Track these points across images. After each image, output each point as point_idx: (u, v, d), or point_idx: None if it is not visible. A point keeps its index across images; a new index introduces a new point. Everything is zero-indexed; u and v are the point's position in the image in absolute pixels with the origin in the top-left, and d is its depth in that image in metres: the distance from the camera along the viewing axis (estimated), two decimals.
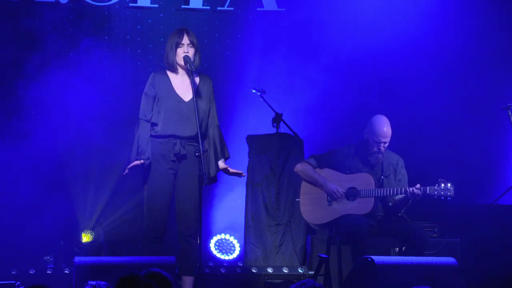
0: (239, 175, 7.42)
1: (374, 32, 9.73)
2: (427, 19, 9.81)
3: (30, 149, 9.25)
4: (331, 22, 9.82)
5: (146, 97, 7.31)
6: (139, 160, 7.18)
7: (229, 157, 7.40)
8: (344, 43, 9.77)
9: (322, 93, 9.83)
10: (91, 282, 4.83)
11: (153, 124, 7.24)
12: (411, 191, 7.58)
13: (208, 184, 6.95)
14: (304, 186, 7.98)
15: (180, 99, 7.25)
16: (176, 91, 7.26)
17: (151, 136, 7.23)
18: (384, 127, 7.79)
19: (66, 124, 9.45)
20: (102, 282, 4.82)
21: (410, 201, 7.74)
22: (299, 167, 8.00)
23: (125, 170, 7.25)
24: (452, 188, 7.53)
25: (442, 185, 7.53)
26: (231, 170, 7.35)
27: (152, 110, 7.26)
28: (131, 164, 7.19)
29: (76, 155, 9.46)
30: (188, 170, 7.20)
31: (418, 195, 7.56)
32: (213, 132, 7.32)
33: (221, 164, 7.33)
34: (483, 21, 9.75)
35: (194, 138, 7.19)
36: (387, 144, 7.82)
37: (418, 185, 7.60)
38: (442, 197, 7.54)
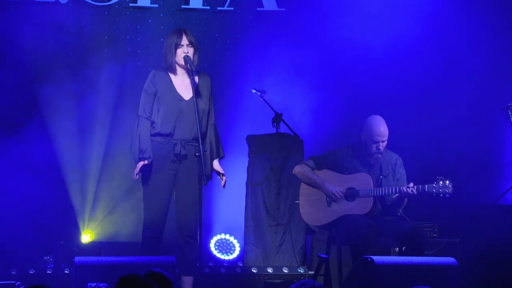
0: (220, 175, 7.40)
1: (374, 32, 9.73)
2: (428, 19, 9.80)
3: (30, 149, 9.24)
4: (331, 22, 9.81)
5: (146, 94, 7.30)
6: (143, 160, 7.17)
7: (223, 157, 7.41)
8: (344, 43, 9.76)
9: (322, 93, 9.83)
10: (91, 284, 4.82)
11: (152, 122, 7.23)
12: (404, 190, 7.60)
13: (205, 184, 6.95)
14: (303, 188, 7.99)
15: (180, 98, 7.24)
16: (177, 90, 7.26)
17: (151, 135, 7.22)
18: (381, 126, 7.79)
19: (65, 123, 9.45)
20: (102, 284, 4.82)
21: (406, 199, 7.75)
22: (298, 169, 8.00)
23: (132, 173, 7.26)
24: (450, 185, 7.55)
25: (441, 182, 7.54)
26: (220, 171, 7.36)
27: (152, 107, 7.25)
28: (138, 167, 7.17)
29: (76, 155, 9.46)
30: (188, 170, 7.20)
31: (413, 193, 7.58)
32: (209, 131, 7.32)
33: (216, 164, 7.33)
34: (483, 21, 9.75)
35: (194, 138, 7.18)
36: (385, 143, 7.82)
37: (411, 184, 7.62)
38: (441, 195, 7.56)
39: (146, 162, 7.16)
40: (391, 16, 9.75)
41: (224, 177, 7.36)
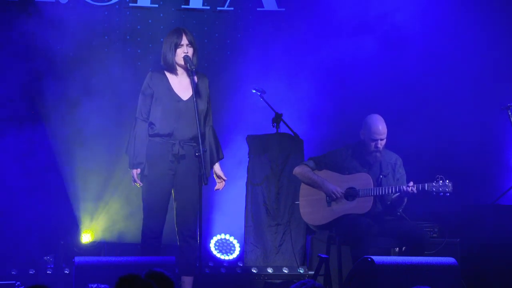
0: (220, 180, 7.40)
1: (374, 32, 9.74)
2: (427, 19, 9.81)
3: (30, 149, 9.25)
4: (331, 22, 9.82)
5: (143, 96, 7.29)
6: (135, 168, 7.18)
7: (223, 158, 7.41)
8: (344, 43, 9.77)
9: (322, 92, 9.83)
10: (92, 285, 4.82)
11: (151, 123, 7.23)
12: (404, 189, 7.60)
13: (205, 184, 6.95)
14: (303, 188, 7.99)
15: (178, 98, 7.23)
16: (174, 90, 7.25)
17: (149, 135, 7.22)
18: (379, 125, 7.81)
19: (65, 123, 9.46)
20: (103, 285, 4.82)
21: (406, 199, 7.76)
22: (298, 170, 8.01)
23: (129, 178, 7.27)
24: (450, 184, 7.56)
25: (441, 181, 7.55)
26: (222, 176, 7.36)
27: (150, 109, 7.24)
28: (134, 176, 7.19)
29: (76, 155, 9.46)
30: (187, 170, 7.19)
31: (413, 192, 7.59)
32: (208, 133, 7.32)
33: (217, 169, 7.33)
34: (483, 20, 9.75)
35: (192, 138, 7.18)
36: (384, 142, 7.83)
37: (411, 183, 7.63)
38: (441, 194, 7.57)
39: (138, 170, 7.18)
40: (390, 16, 9.75)
41: (223, 182, 7.36)
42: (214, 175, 7.35)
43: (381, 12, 9.79)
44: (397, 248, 8.03)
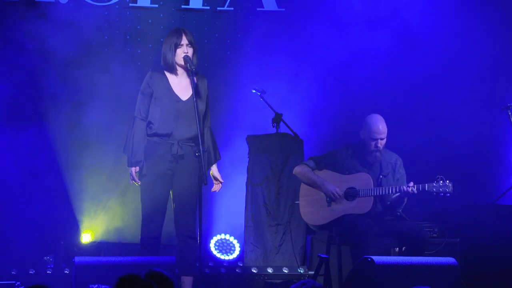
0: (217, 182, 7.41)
1: (374, 32, 9.74)
2: (427, 18, 9.81)
3: (30, 149, 9.24)
4: (331, 22, 9.82)
5: (142, 95, 7.29)
6: (134, 166, 7.19)
7: (220, 159, 7.41)
8: (344, 42, 9.77)
9: (322, 92, 9.83)
10: (93, 286, 4.82)
11: (149, 123, 7.23)
12: (404, 189, 7.61)
13: (205, 184, 6.95)
14: (303, 188, 7.99)
15: (178, 98, 7.23)
16: (174, 90, 7.25)
17: (148, 135, 7.22)
18: (379, 124, 7.81)
19: (65, 123, 9.46)
20: (104, 286, 4.82)
21: (406, 199, 7.76)
22: (298, 170, 8.01)
23: (129, 178, 7.27)
24: (450, 185, 7.56)
25: (441, 182, 7.56)
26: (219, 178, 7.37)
27: (148, 108, 7.24)
28: (133, 174, 7.19)
29: (76, 155, 9.47)
30: (186, 171, 7.19)
31: (413, 192, 7.59)
32: (206, 134, 7.31)
33: (215, 170, 7.34)
34: (483, 20, 9.75)
35: (191, 138, 7.18)
36: (384, 141, 7.83)
37: (411, 183, 7.63)
38: (441, 194, 7.57)
39: (137, 168, 7.19)
40: (390, 16, 9.75)
41: (220, 184, 7.37)
42: (211, 177, 7.35)
43: (381, 13, 9.79)
44: (397, 248, 8.03)
